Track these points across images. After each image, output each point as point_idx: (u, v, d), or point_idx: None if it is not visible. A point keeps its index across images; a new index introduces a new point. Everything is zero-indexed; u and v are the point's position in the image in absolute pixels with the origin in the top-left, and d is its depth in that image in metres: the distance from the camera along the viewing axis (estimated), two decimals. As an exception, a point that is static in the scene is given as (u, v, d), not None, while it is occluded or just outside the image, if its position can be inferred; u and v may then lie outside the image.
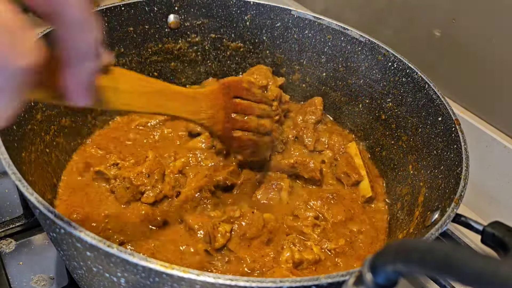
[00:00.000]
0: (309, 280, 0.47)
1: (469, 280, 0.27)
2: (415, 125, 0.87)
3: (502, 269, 0.26)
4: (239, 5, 1.05)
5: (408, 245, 0.33)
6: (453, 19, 1.03)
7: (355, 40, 0.98)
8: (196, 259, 0.73)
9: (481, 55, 0.99)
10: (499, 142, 0.97)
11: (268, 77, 1.02)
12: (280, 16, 1.05)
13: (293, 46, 1.07)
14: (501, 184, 0.98)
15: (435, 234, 0.57)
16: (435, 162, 0.78)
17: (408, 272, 0.33)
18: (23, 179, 0.54)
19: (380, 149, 0.98)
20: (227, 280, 0.45)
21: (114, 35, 0.96)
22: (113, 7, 0.93)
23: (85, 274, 0.58)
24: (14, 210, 0.87)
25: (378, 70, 0.95)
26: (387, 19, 1.18)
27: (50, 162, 0.82)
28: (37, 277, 0.78)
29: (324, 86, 1.07)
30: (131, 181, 0.79)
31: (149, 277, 0.48)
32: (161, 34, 1.03)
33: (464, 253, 0.28)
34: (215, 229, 0.73)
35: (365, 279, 0.36)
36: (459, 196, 0.63)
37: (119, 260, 0.47)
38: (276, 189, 0.86)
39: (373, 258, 0.36)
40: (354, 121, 1.04)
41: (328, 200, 0.86)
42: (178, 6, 1.02)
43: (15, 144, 0.67)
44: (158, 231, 0.77)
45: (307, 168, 0.89)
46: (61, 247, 0.57)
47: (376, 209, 0.89)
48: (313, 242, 0.78)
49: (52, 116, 0.83)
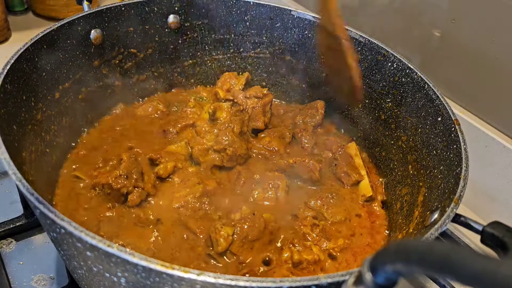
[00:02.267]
0: (309, 280, 0.47)
1: (469, 280, 0.28)
2: (414, 125, 0.87)
3: (501, 269, 0.26)
4: (239, 5, 1.05)
5: (407, 245, 0.33)
6: (453, 19, 1.03)
7: (355, 40, 0.98)
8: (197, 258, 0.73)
9: (481, 55, 0.99)
10: (498, 142, 0.97)
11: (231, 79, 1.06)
12: (280, 16, 1.05)
13: (293, 46, 1.07)
14: (500, 184, 0.98)
15: (435, 234, 0.57)
16: (434, 162, 0.78)
17: (408, 272, 0.33)
18: (23, 179, 0.54)
19: (380, 149, 0.98)
20: (227, 280, 0.45)
21: (114, 35, 0.96)
22: (113, 7, 0.93)
23: (85, 274, 0.58)
24: (14, 210, 0.87)
25: (377, 70, 0.96)
26: (387, 19, 1.18)
27: (50, 162, 0.82)
28: (37, 277, 0.78)
29: (324, 86, 1.07)
30: (111, 186, 0.78)
31: (149, 277, 0.48)
32: (161, 34, 1.03)
33: (463, 253, 0.28)
34: (217, 232, 0.73)
35: (365, 279, 0.36)
36: (458, 196, 0.63)
37: (119, 260, 0.47)
38: (273, 188, 0.86)
39: (373, 258, 0.36)
40: (353, 121, 1.04)
41: (327, 200, 0.86)
42: (178, 6, 1.02)
43: (15, 144, 0.67)
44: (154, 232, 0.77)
45: (306, 168, 0.89)
46: (61, 247, 0.57)
47: (376, 209, 0.89)
48: (312, 242, 0.78)
49: (52, 116, 0.83)
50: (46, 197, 0.75)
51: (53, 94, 0.84)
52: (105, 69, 0.97)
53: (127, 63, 1.01)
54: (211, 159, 0.89)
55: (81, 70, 0.91)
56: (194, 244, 0.75)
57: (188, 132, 0.97)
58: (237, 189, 0.87)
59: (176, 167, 0.87)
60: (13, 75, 0.70)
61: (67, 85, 0.88)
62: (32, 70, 0.77)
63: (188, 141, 0.92)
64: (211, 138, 0.91)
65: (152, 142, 0.95)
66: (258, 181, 0.88)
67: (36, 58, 0.78)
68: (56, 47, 0.83)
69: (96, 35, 0.91)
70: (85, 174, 0.84)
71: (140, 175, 0.82)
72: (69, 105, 0.89)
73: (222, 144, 0.88)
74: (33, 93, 0.77)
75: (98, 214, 0.78)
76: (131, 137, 0.96)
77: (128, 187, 0.78)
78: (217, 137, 0.89)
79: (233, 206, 0.83)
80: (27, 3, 1.51)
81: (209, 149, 0.89)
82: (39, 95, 0.79)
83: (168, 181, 0.86)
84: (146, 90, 1.08)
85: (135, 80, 1.05)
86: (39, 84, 0.79)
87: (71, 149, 0.90)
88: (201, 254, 0.74)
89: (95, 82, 0.96)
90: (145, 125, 0.99)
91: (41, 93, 0.80)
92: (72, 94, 0.90)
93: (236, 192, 0.86)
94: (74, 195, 0.81)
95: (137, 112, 1.03)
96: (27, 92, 0.75)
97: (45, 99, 0.81)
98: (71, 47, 0.87)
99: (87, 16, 0.89)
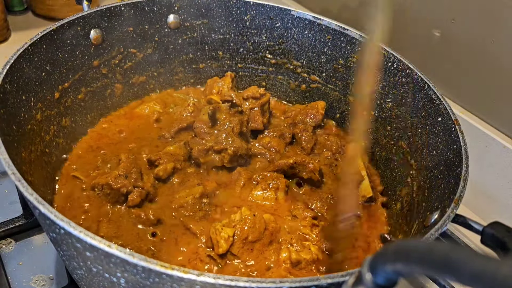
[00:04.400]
0: (309, 280, 0.47)
1: (469, 280, 0.27)
2: (414, 125, 0.87)
3: (501, 270, 0.26)
4: (239, 5, 1.05)
5: (407, 245, 0.33)
6: (453, 19, 1.03)
7: (355, 40, 0.98)
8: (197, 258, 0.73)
9: (481, 55, 0.99)
10: (498, 143, 0.97)
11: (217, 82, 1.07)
12: (280, 16, 1.05)
13: (293, 47, 1.07)
14: (500, 184, 0.98)
15: (435, 235, 0.57)
16: (434, 162, 0.78)
17: (408, 272, 0.33)
18: (23, 179, 0.54)
19: (380, 149, 0.98)
20: (227, 280, 0.45)
21: (114, 35, 0.96)
22: (113, 7, 0.93)
23: (84, 274, 0.58)
24: (14, 210, 0.87)
25: (377, 71, 0.95)
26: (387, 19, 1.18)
27: (50, 162, 0.82)
28: (37, 277, 0.78)
29: (324, 86, 1.07)
30: (110, 186, 0.78)
31: (149, 278, 0.48)
32: (161, 34, 1.03)
33: (463, 254, 0.28)
34: (217, 234, 0.72)
35: (365, 279, 0.36)
36: (458, 196, 0.63)
37: (119, 261, 0.47)
38: (273, 189, 0.86)
39: (373, 258, 0.36)
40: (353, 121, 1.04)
41: (327, 201, 0.86)
42: (178, 6, 1.02)
43: (15, 144, 0.67)
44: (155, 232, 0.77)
45: (306, 168, 0.89)
46: (61, 247, 0.57)
47: (376, 209, 0.89)
48: (311, 242, 0.78)
49: (52, 116, 0.83)
50: (46, 198, 0.75)
51: (53, 94, 0.84)
52: (104, 69, 0.97)
53: (127, 63, 1.01)
54: (211, 160, 0.89)
55: (80, 70, 0.91)
56: (195, 245, 0.75)
57: (186, 133, 0.97)
58: (237, 189, 0.87)
59: (175, 168, 0.87)
60: (13, 75, 0.70)
61: (67, 85, 0.88)
62: (32, 70, 0.77)
63: (188, 141, 0.92)
64: (211, 138, 0.91)
65: (151, 142, 0.95)
66: (258, 181, 0.88)
67: (35, 58, 0.78)
68: (56, 47, 0.83)
69: (96, 35, 0.91)
70: (84, 175, 0.84)
71: (139, 175, 0.82)
72: (68, 105, 0.89)
73: (223, 144, 0.88)
74: (32, 93, 0.77)
75: (98, 214, 0.78)
76: (130, 137, 0.96)
77: (127, 187, 0.78)
78: (217, 138, 0.89)
79: (233, 207, 0.83)
80: (26, 3, 1.51)
81: (209, 150, 0.89)
82: (38, 95, 0.79)
83: (168, 182, 0.86)
84: (146, 90, 1.08)
85: (135, 80, 1.05)
86: (38, 84, 0.79)
87: (71, 149, 0.90)
88: (201, 255, 0.74)
89: (95, 82, 0.96)
90: (144, 126, 0.99)
91: (41, 93, 0.80)
92: (72, 94, 0.90)
93: (236, 193, 0.86)
94: (74, 195, 0.81)
95: (137, 112, 1.03)
96: (26, 92, 0.75)
97: (44, 99, 0.81)
98: (71, 47, 0.87)
99: (87, 16, 0.89)
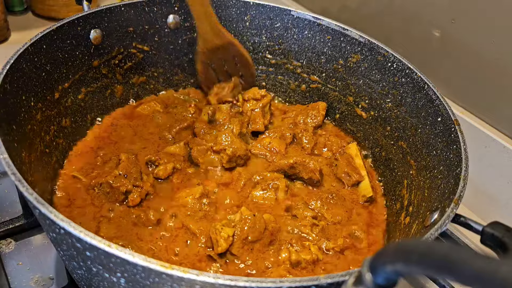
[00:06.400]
0: (309, 280, 0.47)
1: (468, 280, 0.27)
2: (414, 125, 0.87)
3: (501, 270, 0.26)
4: (239, 6, 1.05)
5: (407, 245, 0.33)
6: (453, 19, 1.03)
7: (354, 41, 0.98)
8: (196, 258, 0.73)
9: (481, 55, 0.99)
10: (498, 143, 0.97)
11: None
12: (280, 16, 1.05)
13: (293, 47, 1.07)
14: (500, 184, 0.98)
15: (435, 235, 0.57)
16: (434, 162, 0.78)
17: (408, 273, 0.33)
18: (22, 179, 0.54)
19: (380, 149, 0.98)
20: (227, 280, 0.45)
21: (114, 35, 0.96)
22: (113, 7, 0.93)
23: (84, 274, 0.58)
24: (14, 210, 0.87)
25: (377, 71, 0.96)
26: (387, 19, 1.18)
27: (50, 162, 0.82)
28: (37, 277, 0.78)
29: (323, 86, 1.07)
30: (110, 184, 0.78)
31: (149, 277, 0.48)
32: (161, 34, 1.03)
33: (463, 254, 0.28)
34: (217, 233, 0.72)
35: (365, 279, 0.36)
36: (458, 196, 0.63)
37: (119, 260, 0.47)
38: (273, 189, 0.86)
39: (373, 258, 0.36)
40: (353, 121, 1.04)
41: (327, 201, 0.86)
42: (178, 6, 1.02)
43: (15, 144, 0.67)
44: (154, 233, 0.77)
45: (307, 168, 0.89)
46: (60, 247, 0.57)
47: (376, 209, 0.89)
48: (311, 242, 0.78)
49: (52, 116, 0.83)
50: (46, 198, 0.75)
51: (53, 94, 0.84)
52: (104, 69, 0.97)
53: (127, 63, 1.01)
54: (209, 160, 0.89)
55: (80, 70, 0.91)
56: (194, 245, 0.75)
57: (186, 133, 0.97)
58: (237, 189, 0.87)
59: (175, 168, 0.87)
60: (13, 75, 0.70)
61: (67, 85, 0.88)
62: (32, 70, 0.77)
63: (187, 142, 0.92)
64: (210, 139, 0.91)
65: (151, 143, 0.95)
66: (258, 181, 0.88)
67: (35, 58, 0.78)
68: (56, 47, 0.83)
69: (96, 35, 0.91)
70: (84, 175, 0.84)
71: (139, 175, 0.82)
72: (68, 105, 0.89)
73: (221, 144, 0.88)
74: (32, 93, 0.77)
75: (98, 214, 0.78)
76: (130, 137, 0.96)
77: (127, 186, 0.79)
78: (216, 138, 0.89)
79: (233, 207, 0.83)
80: (26, 3, 1.51)
81: (208, 150, 0.89)
82: (38, 95, 0.79)
83: (168, 182, 0.86)
84: (146, 90, 1.08)
85: (135, 80, 1.05)
86: (38, 84, 0.79)
87: (71, 149, 0.90)
88: (201, 255, 0.74)
89: (95, 82, 0.96)
90: (144, 126, 0.99)
91: (41, 93, 0.80)
92: (72, 94, 0.90)
93: (236, 193, 0.86)
94: (74, 195, 0.81)
95: (137, 113, 1.03)
96: (26, 92, 0.75)
97: (44, 99, 0.81)
98: (71, 47, 0.87)
99: (87, 16, 0.89)
